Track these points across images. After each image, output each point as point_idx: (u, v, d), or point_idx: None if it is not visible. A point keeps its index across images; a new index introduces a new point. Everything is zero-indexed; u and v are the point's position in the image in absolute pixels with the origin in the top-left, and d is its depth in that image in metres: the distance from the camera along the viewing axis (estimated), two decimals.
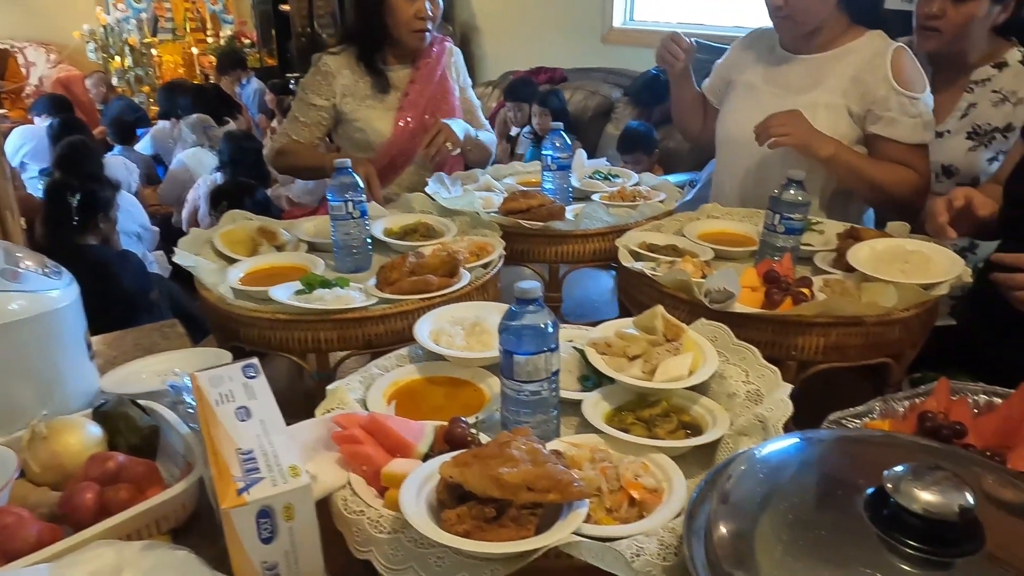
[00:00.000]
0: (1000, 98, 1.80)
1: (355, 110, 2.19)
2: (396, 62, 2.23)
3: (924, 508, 0.68)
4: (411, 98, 2.20)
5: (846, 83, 1.78)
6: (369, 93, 2.19)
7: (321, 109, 2.20)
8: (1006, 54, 1.83)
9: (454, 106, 2.28)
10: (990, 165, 1.81)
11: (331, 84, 2.18)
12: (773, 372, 1.12)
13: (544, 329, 1.00)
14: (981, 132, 1.80)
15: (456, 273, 1.49)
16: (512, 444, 0.83)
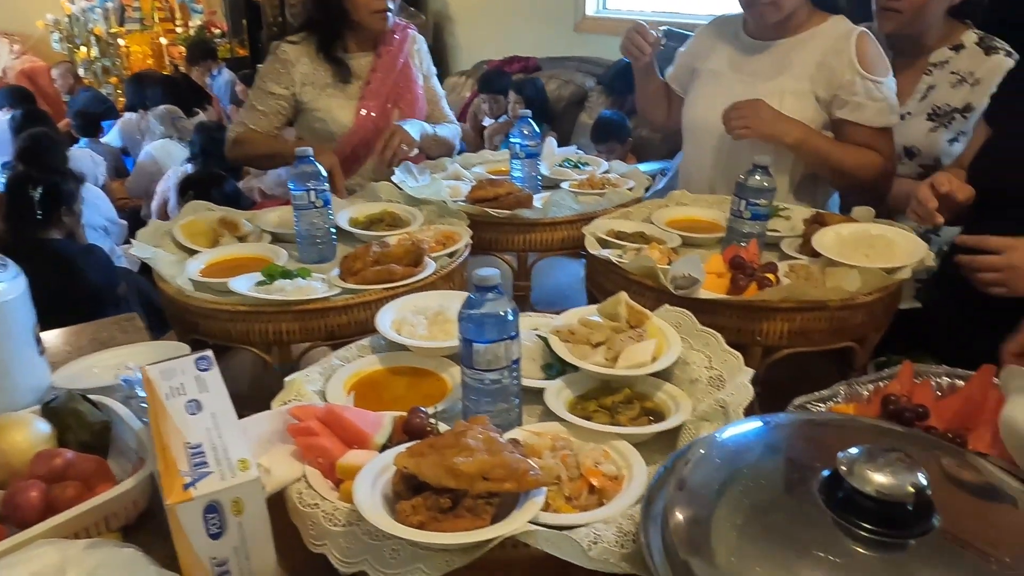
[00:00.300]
0: (958, 79, 1.82)
1: (315, 99, 2.13)
2: (357, 49, 2.17)
3: (877, 490, 0.67)
4: (373, 87, 2.15)
5: (812, 69, 1.78)
6: (330, 82, 2.13)
7: (280, 98, 2.13)
8: (962, 36, 1.85)
9: (417, 95, 2.24)
10: (951, 146, 1.83)
11: (290, 73, 2.11)
12: (736, 357, 1.12)
13: (504, 317, 0.98)
14: (941, 113, 1.82)
15: (421, 262, 1.47)
16: (468, 433, 0.82)
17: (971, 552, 0.68)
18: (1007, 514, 0.74)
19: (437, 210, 1.80)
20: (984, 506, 0.75)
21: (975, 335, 1.39)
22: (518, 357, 1.02)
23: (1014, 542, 0.70)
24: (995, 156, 1.41)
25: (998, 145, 1.43)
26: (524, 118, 2.00)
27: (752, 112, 1.73)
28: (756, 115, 1.73)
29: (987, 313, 1.38)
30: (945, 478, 0.77)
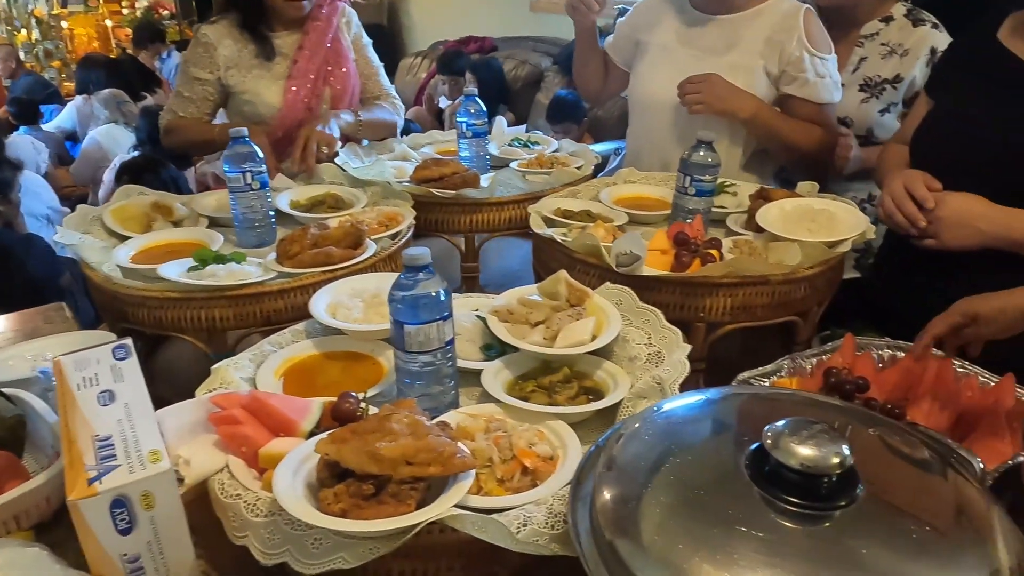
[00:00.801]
0: (888, 51, 1.84)
1: (241, 82, 2.02)
2: (283, 27, 2.06)
3: (801, 463, 0.66)
4: (300, 65, 2.04)
5: (761, 44, 1.77)
6: (255, 62, 2.03)
7: (206, 83, 2.02)
8: (892, 8, 1.88)
9: (350, 71, 2.14)
10: (881, 116, 1.86)
11: (213, 56, 2.01)
12: (674, 333, 1.11)
13: (435, 297, 0.96)
14: (872, 84, 1.85)
15: (361, 244, 1.43)
16: (392, 418, 0.79)
17: (894, 520, 0.68)
18: (931, 483, 0.74)
19: (382, 191, 1.76)
20: (909, 476, 0.74)
21: (916, 305, 1.40)
22: (451, 338, 0.99)
23: (937, 510, 0.70)
24: (936, 131, 1.42)
25: (939, 119, 1.43)
26: (470, 96, 1.97)
27: (708, 87, 1.72)
28: (711, 90, 1.72)
29: (928, 282, 1.39)
30: (872, 449, 0.76)
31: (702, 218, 1.53)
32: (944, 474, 0.75)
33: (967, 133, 1.34)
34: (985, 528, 0.68)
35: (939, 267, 1.33)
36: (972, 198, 1.26)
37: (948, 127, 1.39)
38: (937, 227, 1.28)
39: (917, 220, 1.29)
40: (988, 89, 1.34)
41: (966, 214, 1.25)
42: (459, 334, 1.17)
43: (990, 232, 1.24)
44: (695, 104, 1.73)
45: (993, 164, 1.29)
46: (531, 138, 2.25)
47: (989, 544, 0.66)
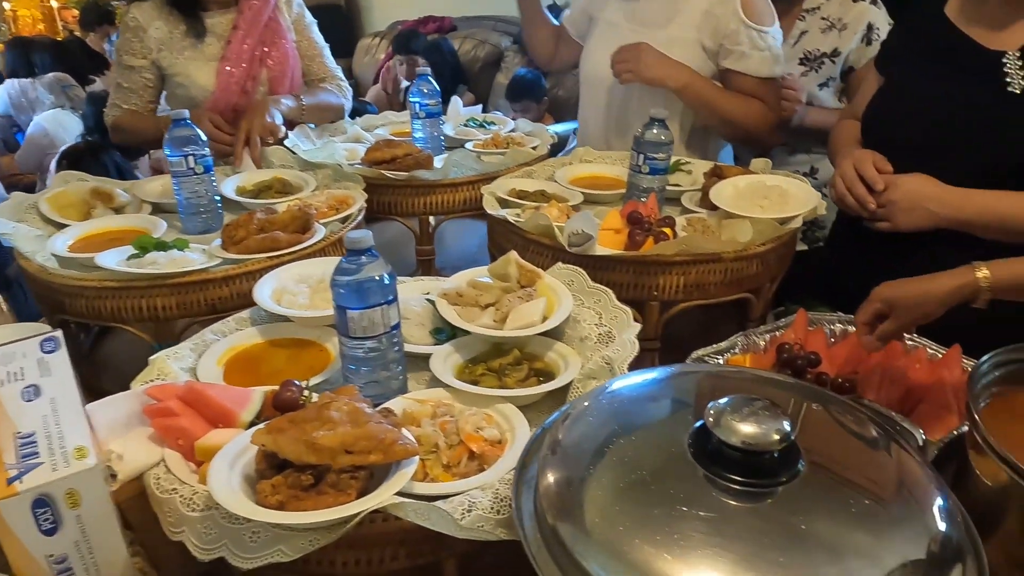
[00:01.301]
0: (828, 25, 1.85)
1: (173, 64, 1.92)
2: (216, 6, 1.95)
3: (743, 440, 0.66)
4: (234, 46, 1.93)
5: (699, 17, 1.76)
6: (186, 43, 1.92)
7: (142, 70, 1.93)
8: None
9: (288, 52, 2.03)
10: (820, 91, 1.87)
11: (143, 39, 1.90)
12: (625, 313, 1.10)
13: (379, 282, 0.93)
14: (811, 58, 1.86)
15: (309, 229, 1.40)
16: (332, 406, 0.77)
17: (835, 494, 0.68)
18: (872, 456, 0.74)
19: (332, 174, 1.72)
20: (851, 450, 0.75)
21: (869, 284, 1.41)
22: (397, 323, 0.97)
23: (878, 482, 0.71)
24: (886, 109, 1.42)
25: (889, 96, 1.43)
26: (423, 76, 1.93)
27: (635, 56, 1.71)
28: (639, 59, 1.70)
29: (880, 262, 1.40)
30: (815, 425, 0.77)
31: (656, 196, 1.52)
32: (886, 447, 0.75)
33: (916, 111, 1.35)
34: (924, 499, 0.69)
35: (892, 247, 1.33)
36: (923, 180, 1.26)
37: (898, 105, 1.39)
38: (889, 210, 1.28)
39: (867, 203, 1.29)
40: (936, 67, 1.34)
41: (918, 196, 1.25)
42: (408, 318, 1.15)
43: (941, 214, 1.24)
44: (624, 74, 1.72)
45: (942, 143, 1.30)
46: (487, 118, 2.22)
47: (928, 515, 0.67)
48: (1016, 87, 1.22)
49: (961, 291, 1.04)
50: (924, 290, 1.06)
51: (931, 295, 1.05)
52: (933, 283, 1.06)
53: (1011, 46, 1.25)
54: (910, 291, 1.06)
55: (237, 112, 1.93)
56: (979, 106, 1.26)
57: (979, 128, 1.26)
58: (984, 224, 1.22)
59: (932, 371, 1.23)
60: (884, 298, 1.08)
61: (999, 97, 1.23)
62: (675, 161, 1.77)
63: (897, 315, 1.07)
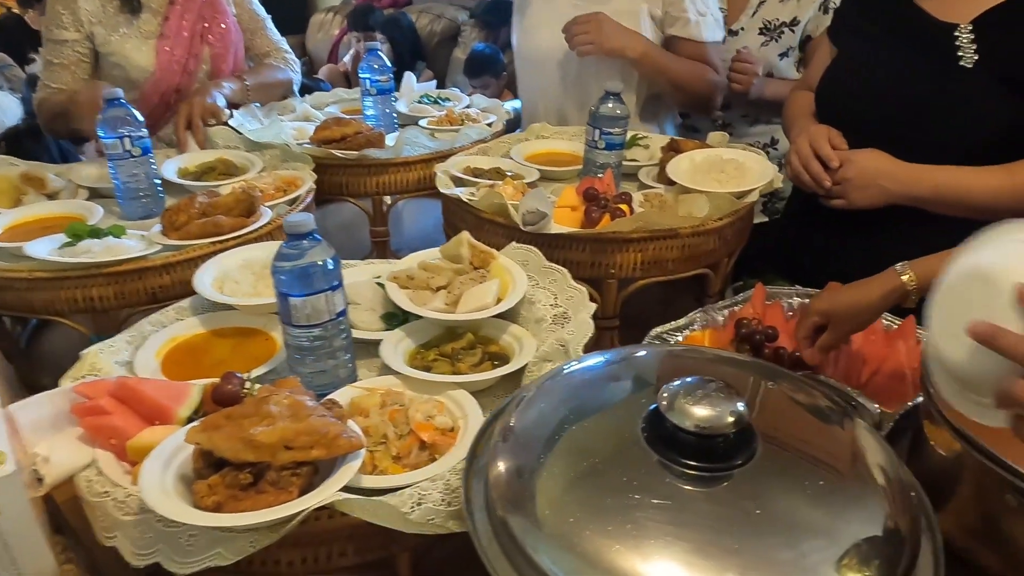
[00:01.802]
0: None
1: (107, 41, 1.81)
2: None
3: (697, 424, 0.64)
4: (172, 23, 1.83)
5: None
6: (121, 19, 1.80)
7: (74, 44, 1.80)
8: None
9: (230, 27, 1.94)
10: (780, 60, 1.86)
11: (74, 11, 1.77)
12: (581, 292, 1.08)
13: (322, 267, 0.89)
14: (771, 28, 1.84)
15: (254, 212, 1.34)
16: (271, 399, 0.73)
17: (791, 474, 0.66)
18: (828, 434, 0.73)
19: (280, 154, 1.66)
20: (806, 428, 0.73)
21: (825, 259, 1.41)
22: (343, 309, 0.93)
23: (833, 460, 0.70)
24: (840, 83, 1.40)
25: (842, 69, 1.42)
26: (373, 51, 1.87)
27: (595, 27, 1.67)
28: (599, 30, 1.67)
29: (836, 238, 1.40)
30: (771, 404, 0.75)
31: (613, 172, 1.50)
32: (841, 424, 0.74)
33: (868, 86, 1.33)
34: (878, 476, 0.68)
35: (846, 223, 1.32)
36: (877, 156, 1.25)
37: (850, 79, 1.38)
38: (844, 187, 1.26)
39: (822, 181, 1.28)
40: (889, 39, 1.32)
41: (872, 173, 1.24)
42: (358, 303, 1.11)
43: (895, 190, 1.23)
44: (584, 45, 1.69)
45: (895, 119, 1.28)
46: (441, 94, 2.17)
47: (881, 492, 0.66)
48: (968, 61, 1.20)
49: (890, 296, 1.04)
50: (856, 300, 1.06)
51: (863, 304, 1.05)
52: (864, 293, 1.05)
53: (963, 18, 1.21)
54: (844, 302, 1.06)
55: (180, 93, 1.84)
56: (930, 81, 1.24)
57: (930, 104, 1.24)
58: (938, 200, 1.21)
59: (887, 343, 1.24)
60: (820, 311, 1.08)
61: (950, 72, 1.21)
62: (632, 136, 1.74)
63: (834, 326, 1.07)
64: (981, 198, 1.19)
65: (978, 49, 1.19)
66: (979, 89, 1.20)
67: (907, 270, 1.04)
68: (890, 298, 1.05)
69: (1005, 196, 1.18)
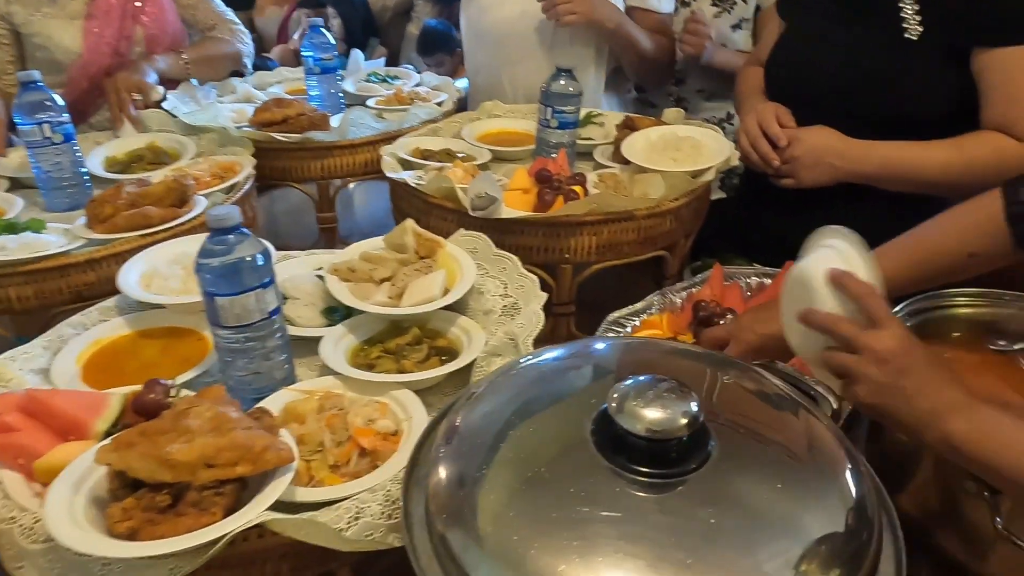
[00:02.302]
0: None
1: (29, 21, 1.70)
2: None
3: (648, 428, 0.60)
4: (99, 1, 1.72)
5: None
6: None
7: None
8: None
9: (164, 6, 1.83)
10: (734, 32, 1.83)
11: None
12: (531, 281, 1.03)
13: (251, 263, 0.83)
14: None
15: (186, 201, 1.26)
16: (191, 413, 0.67)
17: (747, 476, 0.63)
18: (784, 429, 0.69)
19: (217, 139, 1.57)
20: (762, 424, 0.70)
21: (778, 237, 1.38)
22: (277, 307, 0.87)
23: (790, 457, 0.66)
24: (787, 57, 1.37)
25: (789, 43, 1.38)
26: (315, 27, 1.78)
27: None
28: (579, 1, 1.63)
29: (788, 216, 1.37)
30: (725, 400, 0.71)
31: (566, 152, 1.45)
32: (798, 416, 0.70)
33: (816, 61, 1.30)
34: (835, 472, 0.64)
35: (798, 201, 1.29)
36: (825, 134, 1.23)
37: (798, 54, 1.34)
38: (793, 166, 1.24)
39: (771, 160, 1.25)
40: (837, 13, 1.28)
41: (820, 151, 1.22)
42: (297, 298, 1.05)
43: (843, 168, 1.21)
44: (567, 15, 1.64)
45: (842, 94, 1.26)
46: (389, 72, 2.09)
47: (839, 491, 0.62)
48: (913, 33, 1.17)
49: None
50: None
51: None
52: None
53: None
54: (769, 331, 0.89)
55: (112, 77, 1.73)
56: (877, 54, 1.21)
57: (876, 78, 1.22)
58: (887, 176, 1.20)
59: None
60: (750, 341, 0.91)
61: (896, 44, 1.18)
62: (587, 114, 1.69)
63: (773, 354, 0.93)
64: (931, 173, 1.17)
65: (923, 21, 1.17)
66: (925, 61, 1.17)
67: None
68: None
69: (955, 170, 1.16)
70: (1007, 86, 1.13)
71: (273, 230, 1.83)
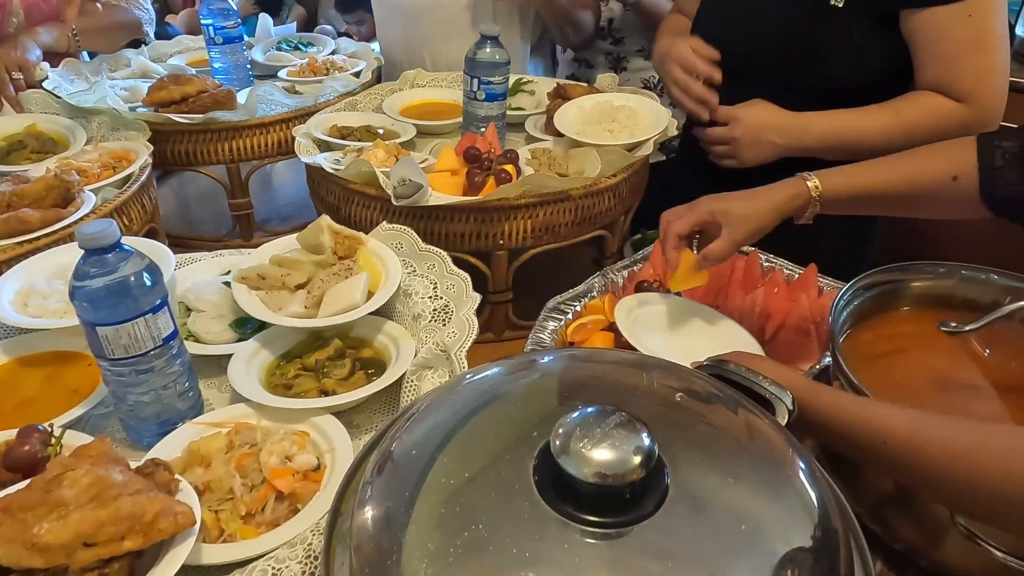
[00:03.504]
0: None
1: None
2: None
3: (598, 472, 0.53)
4: None
5: None
6: None
7: None
8: None
9: None
10: None
11: None
12: (463, 280, 0.94)
13: (137, 284, 0.72)
14: None
15: (71, 200, 1.12)
16: (65, 480, 0.57)
17: (707, 512, 0.57)
18: (741, 451, 0.63)
19: (109, 122, 1.41)
20: (717, 447, 0.64)
21: None
22: (173, 331, 0.77)
23: (751, 479, 0.61)
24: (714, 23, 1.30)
25: (715, 14, 1.31)
26: None
27: None
28: None
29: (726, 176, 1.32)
30: (677, 422, 0.65)
31: (496, 126, 1.35)
32: (755, 433, 0.65)
33: (742, 27, 1.24)
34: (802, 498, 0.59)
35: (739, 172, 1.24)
36: (762, 110, 1.19)
37: (724, 19, 1.28)
38: (733, 147, 1.20)
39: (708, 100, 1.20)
40: None
41: (759, 129, 1.18)
42: (202, 310, 0.94)
43: (784, 144, 1.17)
44: None
45: (774, 62, 1.21)
46: (302, 38, 1.93)
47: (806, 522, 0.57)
48: (838, 0, 1.12)
49: (794, 201, 0.96)
50: (756, 203, 0.96)
51: (764, 207, 0.96)
52: (765, 195, 0.96)
53: None
54: (742, 204, 0.96)
55: None
56: (804, 22, 1.16)
57: (804, 47, 1.17)
58: (828, 148, 1.17)
59: (789, 295, 1.19)
60: (714, 210, 0.96)
61: (822, 11, 1.14)
62: (516, 80, 1.59)
63: (729, 230, 0.95)
64: (871, 141, 1.14)
65: None
66: (851, 28, 1.13)
67: (813, 177, 0.97)
68: (793, 203, 0.97)
69: (895, 135, 1.13)
70: (940, 46, 1.10)
71: (185, 217, 1.68)
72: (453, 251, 1.13)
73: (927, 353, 0.96)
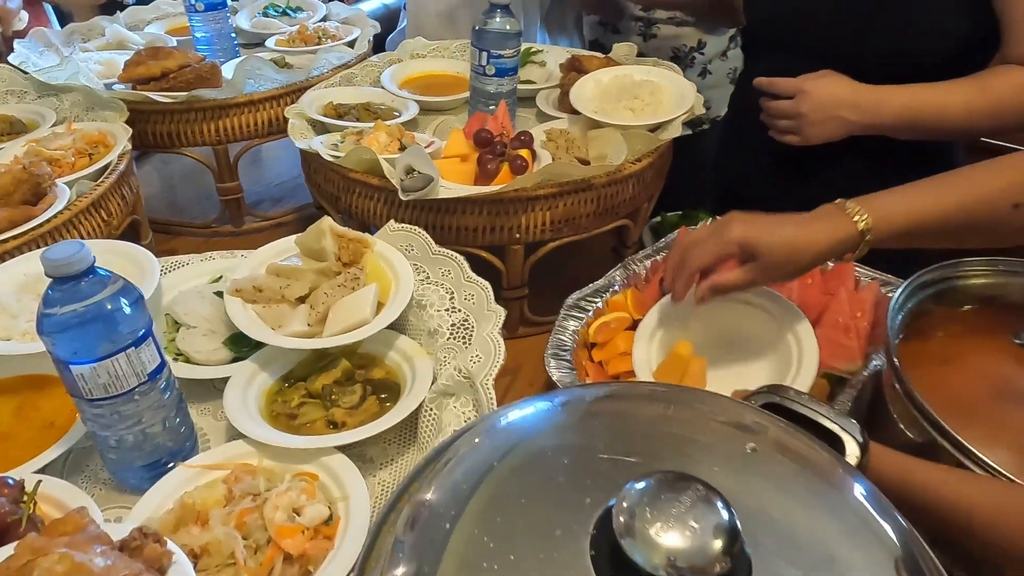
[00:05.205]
0: None
1: None
2: None
3: (669, 560, 0.45)
4: None
5: None
6: None
7: None
8: None
9: None
10: None
11: None
12: (483, 289, 0.85)
13: (113, 313, 0.62)
14: None
15: (42, 195, 1.01)
16: (36, 568, 0.48)
17: None
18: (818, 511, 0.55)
19: (83, 101, 1.29)
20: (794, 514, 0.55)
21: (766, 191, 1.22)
22: (159, 363, 0.67)
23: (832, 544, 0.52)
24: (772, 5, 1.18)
25: None
26: None
27: None
28: None
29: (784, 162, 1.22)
30: (751, 487, 0.56)
31: (507, 104, 1.24)
32: (832, 484, 0.57)
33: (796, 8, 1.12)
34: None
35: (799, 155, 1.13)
36: (833, 83, 1.06)
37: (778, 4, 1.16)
38: (798, 123, 1.07)
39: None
40: None
41: (830, 105, 1.05)
42: (193, 325, 0.84)
43: (856, 120, 1.04)
44: None
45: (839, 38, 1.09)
46: (290, 4, 1.79)
47: None
48: None
49: (840, 246, 0.82)
50: (797, 242, 0.82)
51: (805, 249, 0.82)
52: (806, 235, 0.82)
53: None
54: (781, 240, 0.82)
55: None
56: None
57: (876, 20, 1.05)
58: (905, 125, 1.04)
59: (825, 287, 1.10)
60: (744, 242, 0.83)
61: None
62: (525, 50, 1.47)
63: (763, 268, 0.83)
64: (954, 118, 1.02)
65: None
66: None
67: (859, 210, 0.82)
68: (838, 248, 0.84)
69: (981, 113, 1.01)
70: None
71: (169, 198, 1.57)
72: (464, 246, 1.03)
73: (986, 357, 0.88)
